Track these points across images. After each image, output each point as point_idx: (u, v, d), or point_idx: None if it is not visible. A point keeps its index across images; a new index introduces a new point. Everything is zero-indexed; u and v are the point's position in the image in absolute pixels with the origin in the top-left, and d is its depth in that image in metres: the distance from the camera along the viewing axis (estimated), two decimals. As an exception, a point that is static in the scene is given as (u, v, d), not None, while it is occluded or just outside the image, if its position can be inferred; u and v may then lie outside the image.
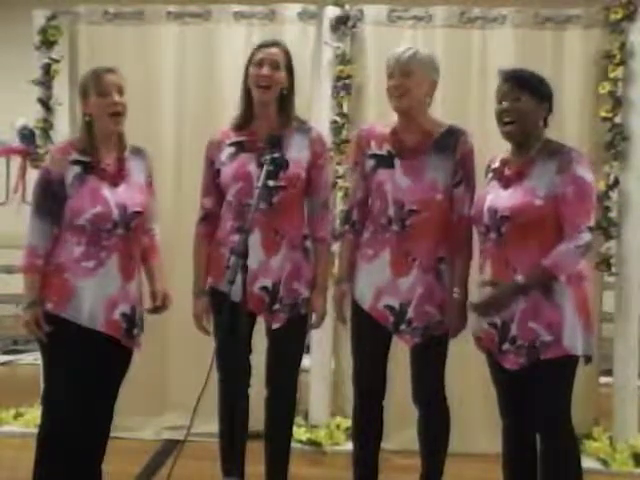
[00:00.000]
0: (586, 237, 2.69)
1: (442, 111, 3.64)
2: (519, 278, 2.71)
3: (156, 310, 3.10)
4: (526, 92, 2.76)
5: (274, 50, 3.02)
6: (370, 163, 3.05)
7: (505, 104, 2.78)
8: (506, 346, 2.77)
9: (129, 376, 3.08)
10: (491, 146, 3.11)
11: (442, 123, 3.05)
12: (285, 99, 3.04)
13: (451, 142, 2.99)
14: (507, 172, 2.83)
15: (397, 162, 3.00)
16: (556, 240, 2.72)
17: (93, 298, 2.87)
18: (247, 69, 3.04)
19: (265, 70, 2.98)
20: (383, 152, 3.03)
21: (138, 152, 3.05)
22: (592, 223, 2.73)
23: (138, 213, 2.93)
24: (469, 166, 3.01)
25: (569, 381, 2.77)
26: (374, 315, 3.01)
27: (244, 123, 3.07)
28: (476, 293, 2.90)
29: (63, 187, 2.87)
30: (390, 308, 2.99)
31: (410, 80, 2.93)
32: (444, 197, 2.98)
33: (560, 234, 2.72)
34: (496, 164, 2.90)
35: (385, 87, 2.99)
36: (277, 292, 3.02)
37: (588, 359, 2.79)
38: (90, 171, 2.89)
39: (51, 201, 2.88)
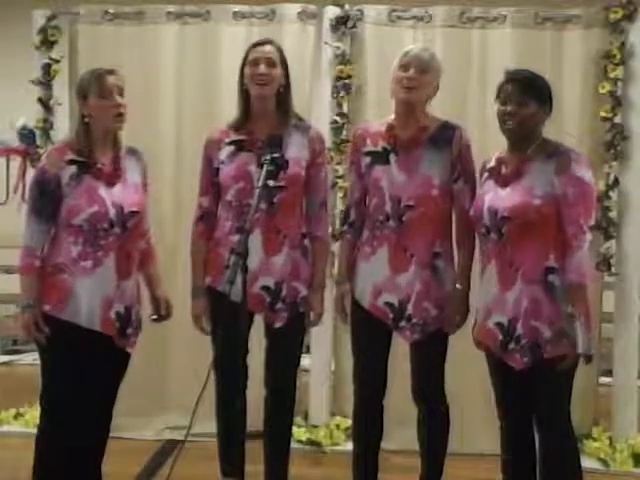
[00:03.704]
0: (589, 237, 2.74)
1: (442, 110, 3.62)
2: (575, 315, 2.68)
3: (160, 318, 3.11)
4: (531, 96, 2.76)
5: (268, 48, 3.03)
6: (366, 160, 3.05)
7: (510, 107, 2.77)
8: (512, 345, 2.77)
9: (129, 376, 3.07)
10: (490, 145, 3.11)
11: (437, 118, 3.05)
12: (282, 96, 3.05)
13: (446, 137, 2.99)
14: (504, 171, 2.83)
15: (392, 158, 3.00)
16: (556, 238, 2.73)
17: (90, 298, 2.86)
18: (242, 69, 3.05)
19: (262, 68, 2.99)
20: (378, 149, 3.03)
21: (133, 153, 3.04)
22: (592, 222, 2.78)
23: (134, 213, 2.92)
24: (467, 161, 3.01)
25: (569, 380, 2.77)
26: (374, 312, 3.01)
27: (242, 122, 3.07)
28: (478, 287, 2.90)
29: (59, 187, 2.86)
30: (389, 305, 2.98)
31: (425, 77, 2.94)
32: (440, 192, 2.97)
33: (560, 232, 2.73)
34: (492, 163, 2.90)
35: (385, 85, 2.99)
36: (280, 291, 3.02)
37: (588, 358, 2.79)
38: (86, 171, 2.88)
39: (47, 201, 2.87)
